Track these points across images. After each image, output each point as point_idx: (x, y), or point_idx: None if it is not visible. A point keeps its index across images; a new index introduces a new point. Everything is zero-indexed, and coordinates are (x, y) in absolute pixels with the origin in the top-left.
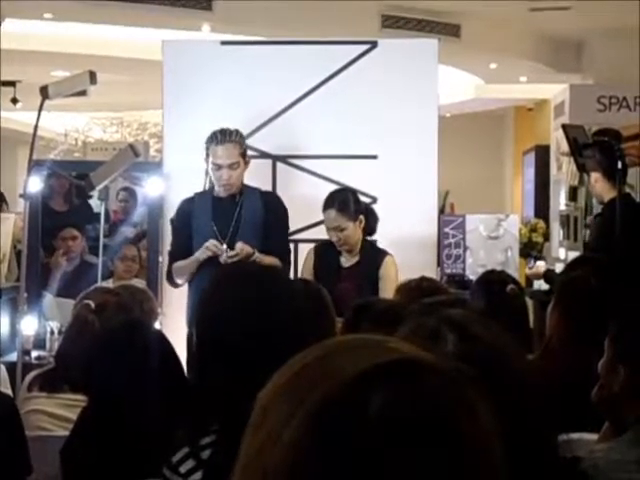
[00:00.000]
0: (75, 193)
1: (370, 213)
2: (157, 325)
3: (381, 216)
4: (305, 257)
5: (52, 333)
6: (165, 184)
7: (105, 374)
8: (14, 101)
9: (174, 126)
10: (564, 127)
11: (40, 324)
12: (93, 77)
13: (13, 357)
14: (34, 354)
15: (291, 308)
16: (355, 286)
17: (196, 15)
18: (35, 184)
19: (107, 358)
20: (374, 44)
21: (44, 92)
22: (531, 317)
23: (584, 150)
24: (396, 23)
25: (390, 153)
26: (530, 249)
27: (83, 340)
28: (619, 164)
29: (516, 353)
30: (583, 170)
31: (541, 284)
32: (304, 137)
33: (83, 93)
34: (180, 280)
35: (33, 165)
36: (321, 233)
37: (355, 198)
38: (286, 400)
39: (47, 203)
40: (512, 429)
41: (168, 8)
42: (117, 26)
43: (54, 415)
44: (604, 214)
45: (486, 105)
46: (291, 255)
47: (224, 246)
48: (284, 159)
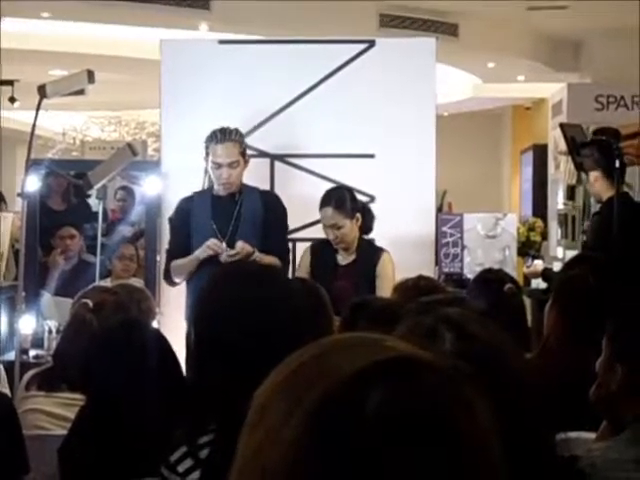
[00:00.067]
0: (73, 192)
1: (367, 212)
2: (155, 324)
3: (379, 215)
4: (301, 256)
5: (50, 332)
6: (163, 183)
7: (103, 373)
8: (12, 100)
9: (172, 125)
10: (562, 126)
11: (38, 323)
12: (91, 76)
13: (11, 356)
14: (32, 353)
15: (289, 307)
16: (352, 284)
17: (194, 14)
18: (33, 183)
19: (105, 357)
20: (372, 43)
21: (42, 91)
22: (529, 316)
23: (582, 149)
24: (394, 22)
25: (388, 152)
26: (528, 248)
27: (81, 339)
28: (617, 163)
29: (513, 352)
30: (581, 169)
31: (539, 283)
32: (302, 136)
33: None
34: (178, 279)
35: (31, 164)
36: (319, 232)
37: (352, 196)
38: (284, 398)
39: (45, 202)
40: (510, 428)
41: (166, 7)
42: (115, 25)
43: (52, 414)
44: (602, 213)
45: (484, 104)
46: (290, 254)
47: (223, 245)
48: (282, 158)
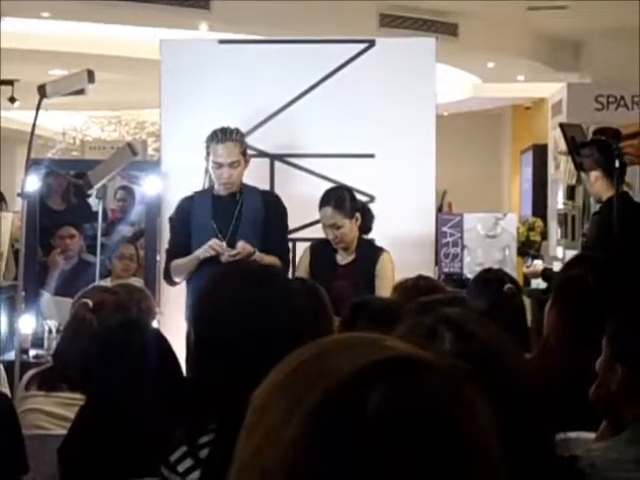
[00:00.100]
0: (73, 192)
1: (366, 212)
2: (155, 324)
3: (379, 215)
4: (301, 255)
5: (50, 332)
6: (163, 183)
7: (103, 373)
8: (12, 100)
9: (172, 125)
10: (562, 126)
11: (38, 323)
12: (91, 76)
13: (11, 356)
14: (32, 353)
15: (289, 307)
16: (351, 284)
17: (194, 14)
18: (33, 183)
19: (105, 357)
20: (372, 43)
21: (42, 91)
22: (529, 316)
23: (582, 149)
24: (394, 22)
25: (388, 152)
26: (528, 248)
27: (81, 339)
28: (617, 163)
29: (513, 352)
30: (581, 169)
31: (539, 283)
32: (302, 136)
33: (81, 92)
34: (178, 278)
35: (31, 164)
36: (319, 232)
37: (351, 196)
38: (283, 398)
39: (45, 202)
40: (509, 428)
41: (166, 7)
42: (115, 25)
43: (52, 414)
44: (602, 212)
45: (484, 104)
46: (290, 254)
47: (224, 244)
48: (282, 158)
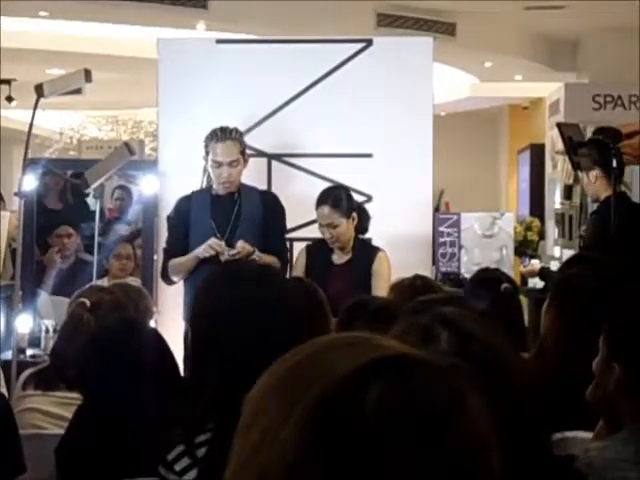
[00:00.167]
0: (70, 191)
1: (362, 212)
2: (152, 323)
3: (376, 215)
4: (297, 255)
5: (47, 331)
6: (160, 182)
7: (100, 372)
8: (9, 99)
9: (169, 124)
10: (559, 126)
11: (35, 322)
12: (88, 75)
13: (8, 355)
14: (29, 352)
15: (287, 307)
16: (348, 284)
17: (191, 13)
18: (30, 182)
19: (102, 356)
20: (369, 42)
21: (39, 90)
22: (526, 315)
23: (579, 149)
24: (392, 22)
25: (385, 152)
26: (525, 247)
27: (78, 338)
28: (614, 162)
29: (510, 351)
30: (578, 168)
31: (536, 282)
32: (299, 135)
33: (78, 91)
34: (176, 277)
35: (28, 163)
36: (316, 232)
37: (348, 195)
38: (279, 399)
39: (42, 201)
40: (507, 427)
41: (163, 6)
42: (113, 24)
43: (49, 413)
44: (600, 212)
45: (481, 104)
46: (288, 254)
47: (223, 244)
48: (279, 157)
